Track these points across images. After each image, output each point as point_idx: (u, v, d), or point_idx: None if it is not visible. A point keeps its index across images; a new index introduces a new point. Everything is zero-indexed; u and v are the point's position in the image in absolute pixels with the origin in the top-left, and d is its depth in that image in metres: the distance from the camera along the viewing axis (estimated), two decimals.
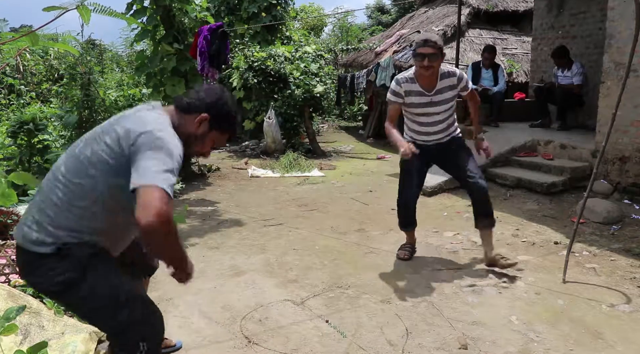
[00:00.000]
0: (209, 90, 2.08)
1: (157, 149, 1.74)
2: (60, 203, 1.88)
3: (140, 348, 1.97)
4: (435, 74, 3.81)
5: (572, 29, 8.48)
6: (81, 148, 1.95)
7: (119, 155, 1.83)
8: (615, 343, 2.97)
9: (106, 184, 1.87)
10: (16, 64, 12.13)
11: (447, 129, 4.01)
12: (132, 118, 1.91)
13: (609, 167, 5.92)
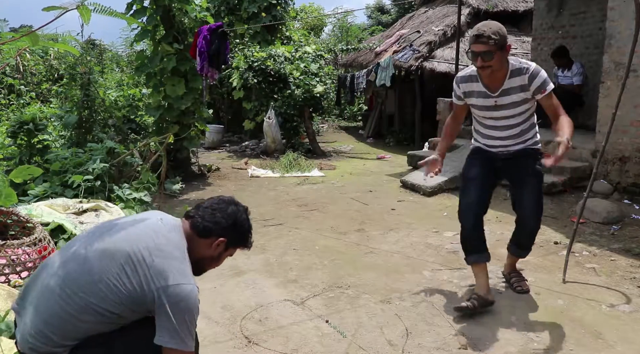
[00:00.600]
0: (225, 212, 2.09)
1: (183, 311, 1.86)
2: (67, 316, 1.84)
3: None
4: (500, 72, 3.11)
5: (572, 29, 8.47)
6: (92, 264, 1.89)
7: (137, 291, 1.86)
8: (615, 343, 2.97)
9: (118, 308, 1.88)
10: (16, 64, 12.13)
11: (518, 135, 3.28)
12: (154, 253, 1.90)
13: (609, 167, 5.91)
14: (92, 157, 5.22)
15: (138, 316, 1.91)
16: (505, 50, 3.04)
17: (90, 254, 1.90)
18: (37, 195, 4.70)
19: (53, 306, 1.83)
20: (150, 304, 1.85)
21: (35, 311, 1.86)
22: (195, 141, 8.06)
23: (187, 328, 1.86)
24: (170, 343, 1.84)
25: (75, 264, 1.89)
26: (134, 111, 8.32)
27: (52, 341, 1.81)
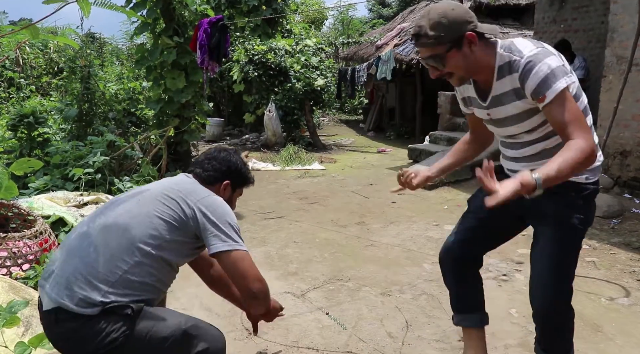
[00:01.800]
0: (219, 157, 2.26)
1: (223, 215, 1.99)
2: (112, 257, 1.88)
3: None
4: (481, 74, 2.03)
5: (574, 23, 8.44)
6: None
7: (178, 213, 1.97)
8: (614, 336, 2.98)
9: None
10: (16, 57, 12.11)
11: (541, 156, 2.03)
12: (179, 185, 2.07)
13: (609, 161, 5.91)
14: (92, 150, 5.22)
15: (182, 249, 2.00)
16: (464, 44, 1.91)
17: (122, 207, 1.99)
18: (38, 188, 4.70)
19: (96, 249, 1.87)
20: (192, 223, 1.95)
21: (76, 259, 1.87)
22: (196, 134, 8.05)
23: (232, 229, 1.97)
24: (224, 246, 1.93)
25: (110, 216, 1.96)
26: (134, 104, 8.30)
27: (91, 284, 1.81)
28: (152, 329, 1.85)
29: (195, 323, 1.96)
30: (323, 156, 9.46)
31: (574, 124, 1.82)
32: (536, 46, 1.90)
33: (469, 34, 1.90)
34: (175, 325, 1.89)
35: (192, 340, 1.89)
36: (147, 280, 1.90)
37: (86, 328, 1.79)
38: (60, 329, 1.83)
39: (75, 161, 5.09)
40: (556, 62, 1.85)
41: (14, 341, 2.20)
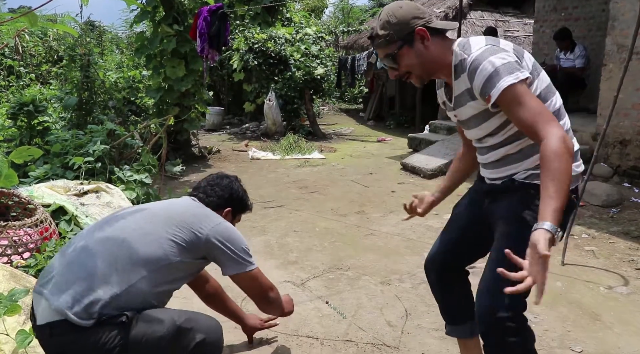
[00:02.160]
0: (222, 185, 2.35)
1: (236, 241, 2.15)
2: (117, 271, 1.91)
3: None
4: (441, 73, 1.94)
5: (575, 11, 8.40)
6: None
7: (189, 239, 2.05)
8: (613, 324, 2.99)
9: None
10: (15, 45, 12.06)
11: (503, 162, 1.93)
12: (189, 210, 2.16)
13: (609, 150, 5.91)
14: (92, 139, 5.21)
15: (188, 269, 2.10)
16: (415, 40, 1.84)
17: (133, 223, 2.03)
18: (38, 177, 4.70)
19: (98, 261, 1.89)
20: (203, 248, 2.06)
21: (80, 268, 1.88)
22: (196, 123, 8.04)
23: (244, 252, 2.16)
24: (241, 269, 2.14)
25: (119, 231, 2.00)
26: (134, 92, 8.29)
27: (94, 294, 1.82)
28: (148, 332, 1.87)
29: (189, 316, 1.99)
30: (323, 145, 9.46)
31: (535, 121, 1.65)
32: (486, 44, 1.79)
33: (418, 29, 1.83)
34: (169, 322, 1.91)
35: (188, 333, 1.93)
36: (149, 297, 1.94)
37: (82, 340, 1.81)
38: (56, 342, 1.84)
39: (76, 149, 5.08)
40: (502, 60, 1.70)
41: (15, 329, 2.22)
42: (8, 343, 2.26)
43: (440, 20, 1.91)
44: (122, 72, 8.61)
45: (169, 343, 1.90)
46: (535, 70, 1.82)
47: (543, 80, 1.84)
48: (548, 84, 1.86)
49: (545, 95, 1.83)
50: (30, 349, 2.23)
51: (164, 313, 1.96)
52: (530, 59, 1.84)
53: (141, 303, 1.92)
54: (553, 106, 1.85)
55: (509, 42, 1.88)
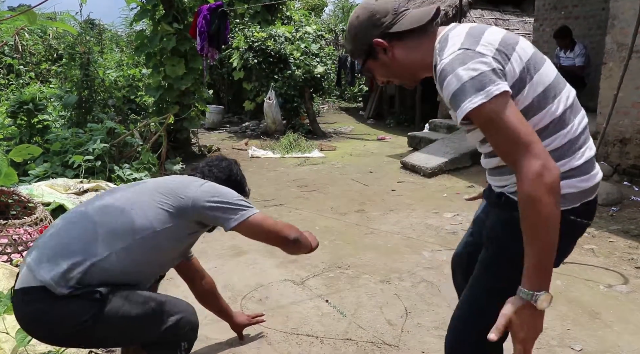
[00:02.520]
0: (220, 166, 2.32)
1: (227, 194, 2.06)
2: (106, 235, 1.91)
3: (181, 347, 1.98)
4: (424, 73, 1.67)
5: (575, 10, 8.39)
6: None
7: (176, 204, 2.00)
8: (612, 323, 2.99)
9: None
10: (15, 44, 12.05)
11: (497, 172, 1.64)
12: (176, 179, 2.13)
13: (609, 149, 5.91)
14: (92, 137, 5.22)
15: (178, 232, 2.01)
16: (377, 52, 1.63)
17: (120, 194, 2.02)
18: (38, 175, 4.71)
19: (80, 231, 1.88)
20: (193, 211, 1.98)
21: (63, 235, 1.88)
22: (196, 122, 8.04)
23: (240, 200, 2.05)
24: (242, 217, 2.00)
25: (106, 200, 2.00)
26: (134, 91, 8.29)
27: (74, 260, 1.81)
28: (121, 310, 1.84)
29: (164, 299, 1.98)
30: (323, 144, 9.46)
31: (507, 152, 1.37)
32: (459, 47, 1.46)
33: (375, 42, 1.60)
34: (144, 303, 1.89)
35: (163, 315, 1.92)
36: (130, 269, 1.90)
37: (54, 309, 1.79)
38: (29, 309, 1.81)
39: (75, 148, 5.09)
40: (472, 72, 1.38)
41: (15, 327, 2.22)
42: (8, 342, 2.26)
43: (413, 11, 1.62)
44: (122, 71, 8.61)
45: (144, 322, 1.88)
46: (528, 72, 1.48)
47: (540, 82, 1.50)
48: (547, 86, 1.51)
49: (541, 102, 1.49)
50: (30, 348, 2.23)
51: (140, 295, 1.92)
52: (523, 55, 1.49)
53: (120, 275, 1.87)
54: (552, 113, 1.50)
55: (498, 32, 1.53)
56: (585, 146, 1.54)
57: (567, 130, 1.51)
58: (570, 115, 1.53)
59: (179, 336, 1.96)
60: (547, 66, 1.55)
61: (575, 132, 1.52)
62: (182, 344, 1.98)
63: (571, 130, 1.52)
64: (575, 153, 1.51)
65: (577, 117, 1.55)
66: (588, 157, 1.53)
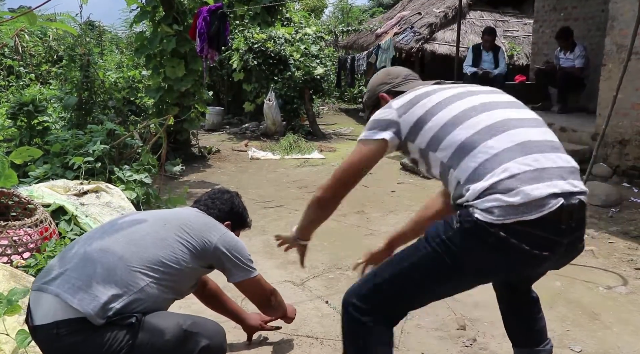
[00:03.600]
0: (223, 199, 2.42)
1: (241, 250, 2.24)
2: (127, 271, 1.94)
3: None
4: None
5: (575, 11, 8.41)
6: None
7: (197, 247, 2.11)
8: (612, 324, 3.00)
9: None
10: (15, 45, 12.06)
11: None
12: (194, 219, 2.21)
13: (608, 150, 5.92)
14: (92, 138, 5.21)
15: (195, 274, 2.16)
16: (381, 104, 2.12)
17: (148, 228, 2.08)
18: (38, 176, 4.70)
19: (115, 261, 1.90)
20: (211, 256, 2.13)
21: (97, 264, 1.88)
22: (196, 123, 8.04)
23: (248, 260, 2.25)
24: (244, 277, 2.22)
25: (130, 233, 2.04)
26: (134, 92, 8.28)
27: (113, 290, 1.83)
28: (155, 334, 1.88)
29: (194, 321, 2.01)
30: (323, 145, 9.46)
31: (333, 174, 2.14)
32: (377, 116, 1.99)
33: (380, 95, 2.15)
34: (175, 326, 1.93)
35: (194, 337, 1.95)
36: (159, 301, 1.98)
37: (90, 341, 1.78)
38: (64, 343, 1.78)
39: (75, 149, 5.08)
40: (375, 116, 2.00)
41: (15, 329, 2.22)
42: (8, 343, 2.26)
43: (414, 81, 2.12)
44: (122, 72, 8.60)
45: (174, 346, 1.91)
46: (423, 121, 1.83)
47: (437, 123, 1.79)
48: (445, 123, 1.77)
49: (439, 137, 1.77)
50: (31, 349, 2.23)
51: (171, 316, 1.99)
52: (422, 107, 1.86)
53: (152, 306, 1.94)
54: (451, 142, 1.74)
55: (422, 89, 1.95)
56: (508, 164, 1.61)
57: (477, 151, 1.66)
58: (484, 137, 1.68)
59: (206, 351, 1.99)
60: (454, 106, 1.80)
61: (491, 152, 1.65)
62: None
63: (484, 151, 1.66)
64: (491, 172, 1.60)
65: (492, 139, 1.68)
66: (511, 174, 1.59)
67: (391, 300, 1.82)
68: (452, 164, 1.72)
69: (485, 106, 1.80)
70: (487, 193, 1.58)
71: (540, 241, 1.59)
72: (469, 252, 1.65)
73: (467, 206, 1.62)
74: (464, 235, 1.62)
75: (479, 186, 1.60)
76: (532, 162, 1.62)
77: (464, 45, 9.93)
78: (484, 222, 1.57)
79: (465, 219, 1.62)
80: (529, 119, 1.81)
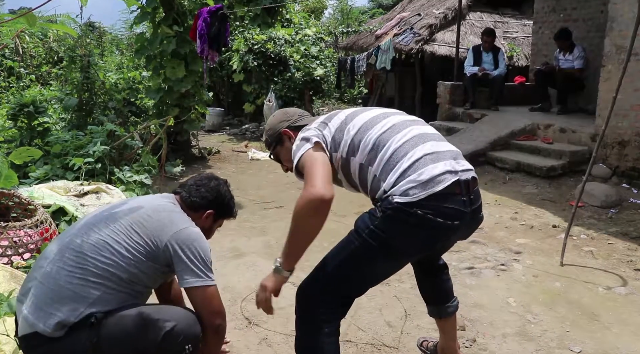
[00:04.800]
0: (208, 186, 2.32)
1: (197, 251, 2.03)
2: (76, 286, 1.93)
3: (185, 350, 1.99)
4: None
5: (574, 12, 8.42)
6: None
7: (149, 245, 2.01)
8: (611, 325, 3.00)
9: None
10: (15, 46, 12.07)
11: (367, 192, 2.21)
12: (156, 210, 2.10)
13: (608, 151, 5.92)
14: (92, 139, 5.23)
15: (154, 276, 2.06)
16: (284, 140, 2.32)
17: (94, 227, 2.01)
18: (38, 177, 4.71)
19: (61, 278, 1.90)
20: (163, 256, 2.00)
21: (51, 281, 1.91)
22: (196, 124, 8.05)
23: (204, 265, 2.03)
24: (195, 282, 1.99)
25: (80, 237, 1.99)
26: (134, 93, 8.29)
27: (66, 306, 1.87)
28: (116, 328, 1.89)
29: (157, 309, 2.03)
30: None
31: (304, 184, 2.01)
32: (303, 132, 2.14)
33: (283, 131, 2.28)
34: (135, 316, 1.93)
35: (156, 324, 1.93)
36: (118, 300, 1.96)
37: (56, 348, 1.86)
38: (36, 353, 1.91)
39: (76, 150, 5.10)
40: (297, 142, 2.12)
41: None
42: (8, 344, 2.27)
43: (308, 117, 2.33)
44: (122, 73, 8.61)
45: (138, 335, 1.91)
46: (340, 131, 2.09)
47: (352, 132, 2.05)
48: (358, 130, 2.04)
49: (355, 142, 2.03)
50: None
51: (133, 308, 1.96)
52: (336, 121, 2.13)
53: (117, 306, 1.95)
54: (367, 143, 2.00)
55: (325, 115, 2.22)
56: (412, 151, 1.92)
57: (388, 144, 1.95)
58: (392, 134, 1.99)
59: (177, 344, 1.96)
60: (361, 116, 2.10)
61: (399, 142, 1.95)
62: (187, 348, 1.99)
63: (394, 142, 1.95)
64: (401, 160, 1.89)
65: (399, 133, 1.99)
66: (415, 159, 1.89)
67: (334, 293, 2.12)
68: (370, 161, 1.98)
69: (387, 113, 2.13)
70: (401, 179, 1.85)
71: (450, 212, 1.85)
72: (396, 235, 1.88)
73: (386, 197, 1.87)
74: (389, 221, 1.86)
75: (393, 177, 1.87)
76: (430, 148, 1.93)
77: (463, 46, 9.93)
78: (402, 203, 1.81)
79: (387, 207, 1.85)
80: (432, 132, 2.13)
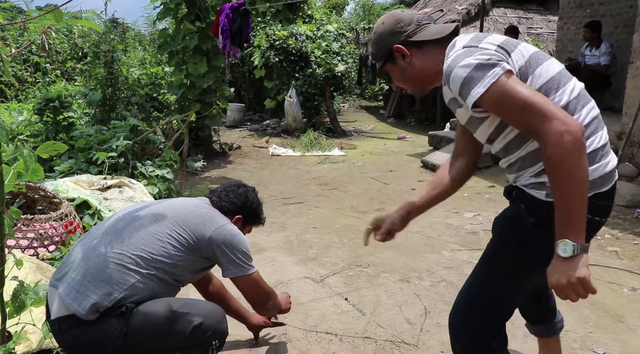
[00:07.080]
0: (237, 192, 2.39)
1: (238, 244, 2.17)
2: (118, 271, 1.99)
3: (212, 346, 2.07)
4: (435, 81, 1.80)
5: (601, 8, 8.26)
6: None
7: (191, 241, 2.12)
8: (636, 327, 2.95)
9: None
10: (42, 43, 12.25)
11: (511, 169, 1.73)
12: (194, 211, 2.20)
13: (634, 149, 5.81)
14: (115, 134, 5.29)
15: (191, 268, 2.15)
16: (396, 57, 1.78)
17: (137, 217, 2.12)
18: (63, 171, 4.79)
19: (100, 262, 1.97)
20: (205, 249, 2.12)
21: (90, 265, 1.97)
22: (217, 119, 8.10)
23: (245, 255, 2.19)
24: (238, 273, 2.17)
25: (123, 224, 2.09)
26: (157, 89, 8.38)
27: (103, 290, 1.93)
28: (146, 318, 1.95)
29: (187, 302, 2.07)
30: (343, 142, 9.45)
31: (528, 123, 1.43)
32: (462, 47, 1.58)
33: (395, 47, 1.73)
34: (165, 308, 1.98)
35: (185, 317, 1.99)
36: (154, 290, 2.02)
37: (86, 333, 1.92)
38: (65, 337, 1.96)
39: (99, 145, 5.16)
40: (474, 61, 1.49)
41: (41, 319, 2.27)
42: (35, 333, 2.31)
43: (434, 26, 1.75)
44: (145, 69, 8.70)
45: (166, 327, 1.97)
46: (530, 66, 1.57)
47: (541, 75, 1.57)
48: (549, 79, 1.57)
49: (545, 92, 1.55)
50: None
51: (164, 300, 2.03)
52: (525, 52, 1.59)
53: (148, 297, 2.00)
54: (556, 104, 1.51)
55: (500, 36, 1.63)
56: (594, 136, 1.58)
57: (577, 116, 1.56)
58: (576, 106, 1.57)
59: (205, 339, 2.03)
60: (551, 62, 1.62)
61: (582, 123, 1.55)
62: (214, 343, 2.06)
63: (578, 120, 1.54)
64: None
65: (584, 108, 1.58)
66: (596, 147, 1.58)
67: (497, 311, 1.77)
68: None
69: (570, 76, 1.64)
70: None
71: (607, 207, 1.69)
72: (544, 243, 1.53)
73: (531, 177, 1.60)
74: (536, 230, 1.59)
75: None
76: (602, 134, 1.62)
77: None
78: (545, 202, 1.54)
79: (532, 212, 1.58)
80: None
